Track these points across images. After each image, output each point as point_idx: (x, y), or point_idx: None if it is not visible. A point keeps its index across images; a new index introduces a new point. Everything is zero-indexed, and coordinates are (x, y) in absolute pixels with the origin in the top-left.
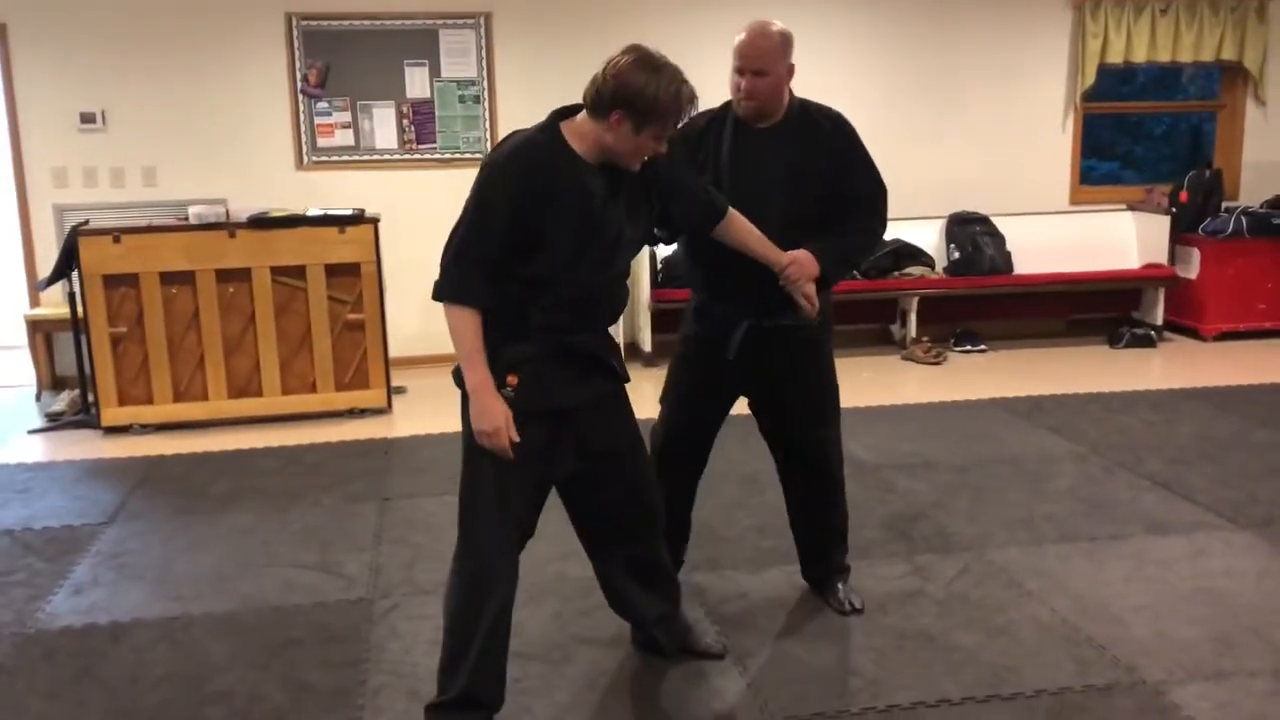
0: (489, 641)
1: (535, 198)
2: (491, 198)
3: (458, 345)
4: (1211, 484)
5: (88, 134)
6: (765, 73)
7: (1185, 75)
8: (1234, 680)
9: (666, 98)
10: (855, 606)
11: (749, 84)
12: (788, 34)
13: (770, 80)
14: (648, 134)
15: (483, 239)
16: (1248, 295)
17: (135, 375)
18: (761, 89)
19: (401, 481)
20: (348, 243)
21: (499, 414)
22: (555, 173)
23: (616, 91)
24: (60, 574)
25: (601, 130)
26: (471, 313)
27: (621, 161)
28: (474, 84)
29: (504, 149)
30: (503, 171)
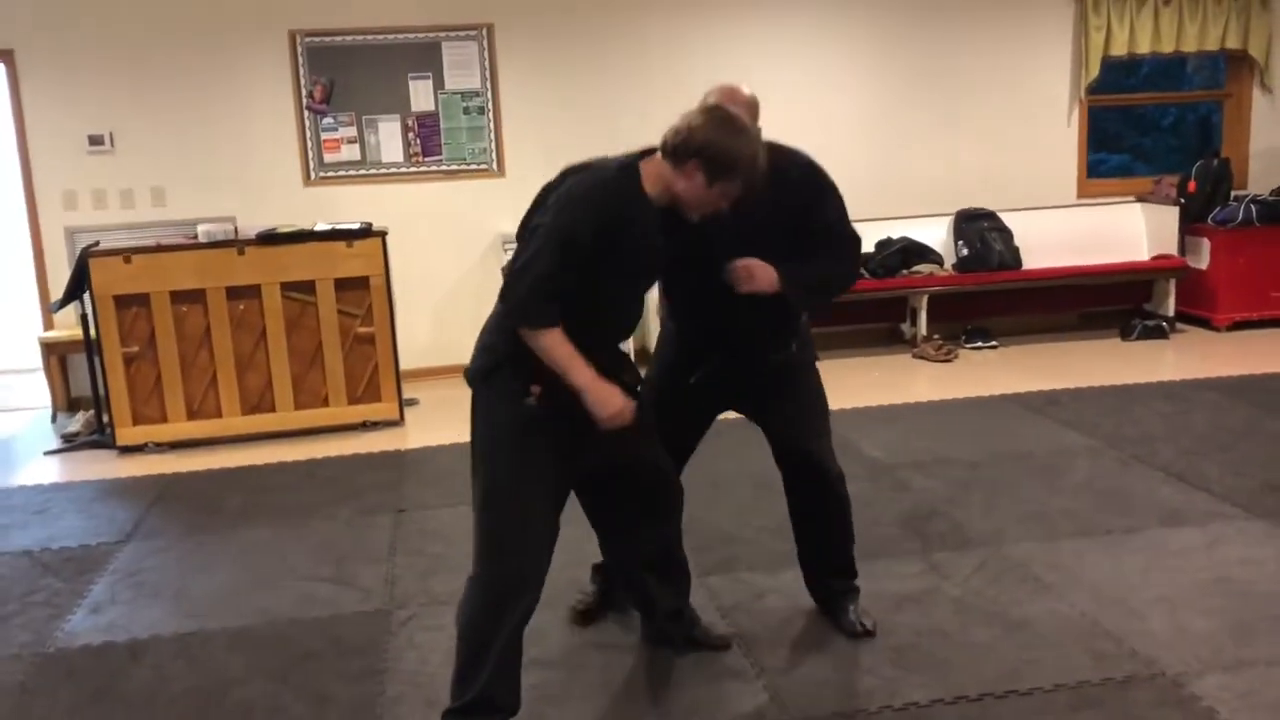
0: (509, 647)
1: (603, 236)
2: (574, 231)
3: (555, 360)
4: (1226, 474)
5: (96, 156)
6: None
7: (1190, 65)
8: (1255, 670)
9: (745, 158)
10: (866, 628)
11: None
12: (755, 102)
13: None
14: (718, 188)
15: (563, 270)
16: (1259, 284)
17: (149, 394)
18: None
19: (416, 493)
20: (356, 256)
21: (617, 394)
22: (627, 214)
23: (699, 142)
24: (78, 593)
25: (675, 177)
26: (557, 330)
27: (685, 210)
28: (478, 95)
29: (584, 182)
30: (584, 206)
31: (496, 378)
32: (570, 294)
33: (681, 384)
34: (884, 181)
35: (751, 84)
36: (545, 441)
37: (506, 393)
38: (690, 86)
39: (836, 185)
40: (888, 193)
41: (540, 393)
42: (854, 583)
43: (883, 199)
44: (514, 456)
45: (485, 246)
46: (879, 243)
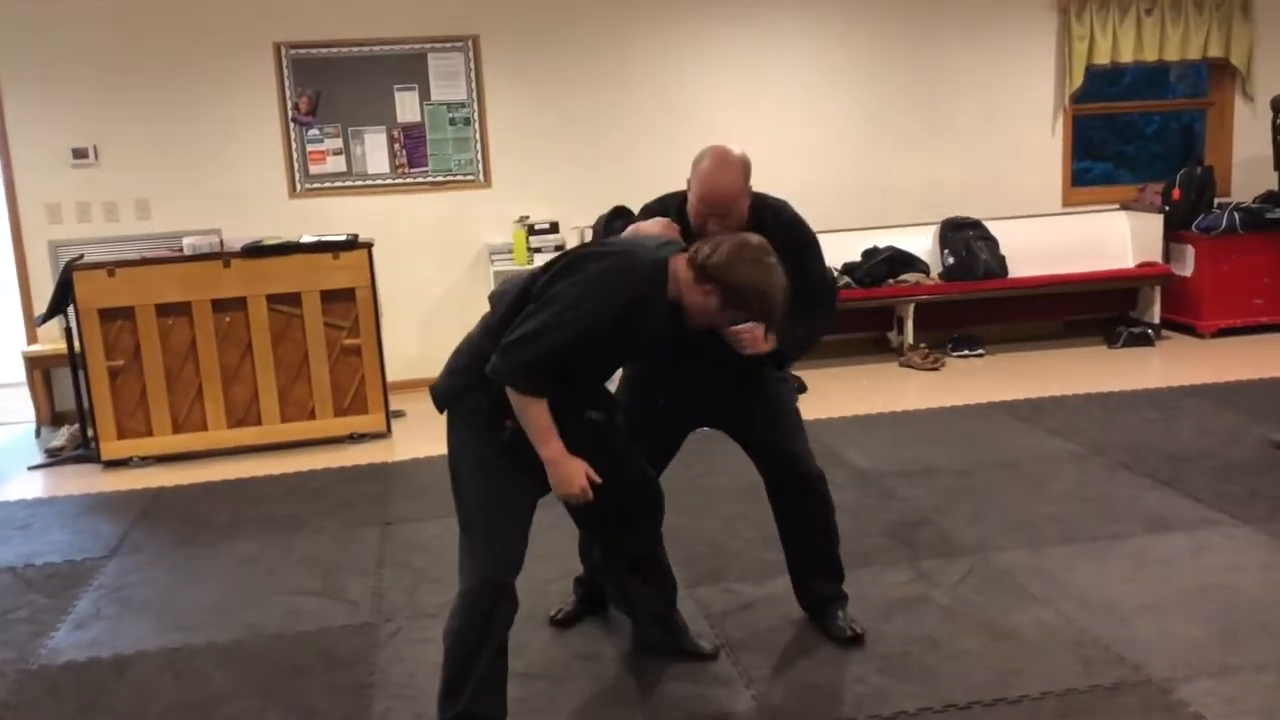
0: (495, 658)
1: (619, 323)
2: (596, 320)
3: (532, 426)
4: (1213, 480)
5: (80, 169)
6: (732, 214)
7: (1173, 74)
8: (1241, 675)
9: (765, 298)
10: (856, 633)
11: (716, 225)
12: (747, 163)
13: (735, 218)
14: (728, 314)
15: (572, 346)
16: (1244, 291)
17: (134, 408)
18: (729, 227)
19: (403, 505)
20: (342, 268)
21: (580, 473)
22: (647, 309)
23: (728, 275)
24: (62, 609)
25: (692, 288)
26: (539, 402)
27: (688, 317)
28: (464, 106)
29: (618, 270)
30: (613, 295)
31: (467, 401)
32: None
33: (650, 405)
34: (870, 191)
35: (734, 95)
36: (521, 465)
37: (481, 420)
38: (676, 98)
39: (816, 235)
40: (874, 202)
41: (514, 425)
42: (841, 588)
43: (869, 208)
44: (493, 481)
45: (472, 257)
46: (865, 252)
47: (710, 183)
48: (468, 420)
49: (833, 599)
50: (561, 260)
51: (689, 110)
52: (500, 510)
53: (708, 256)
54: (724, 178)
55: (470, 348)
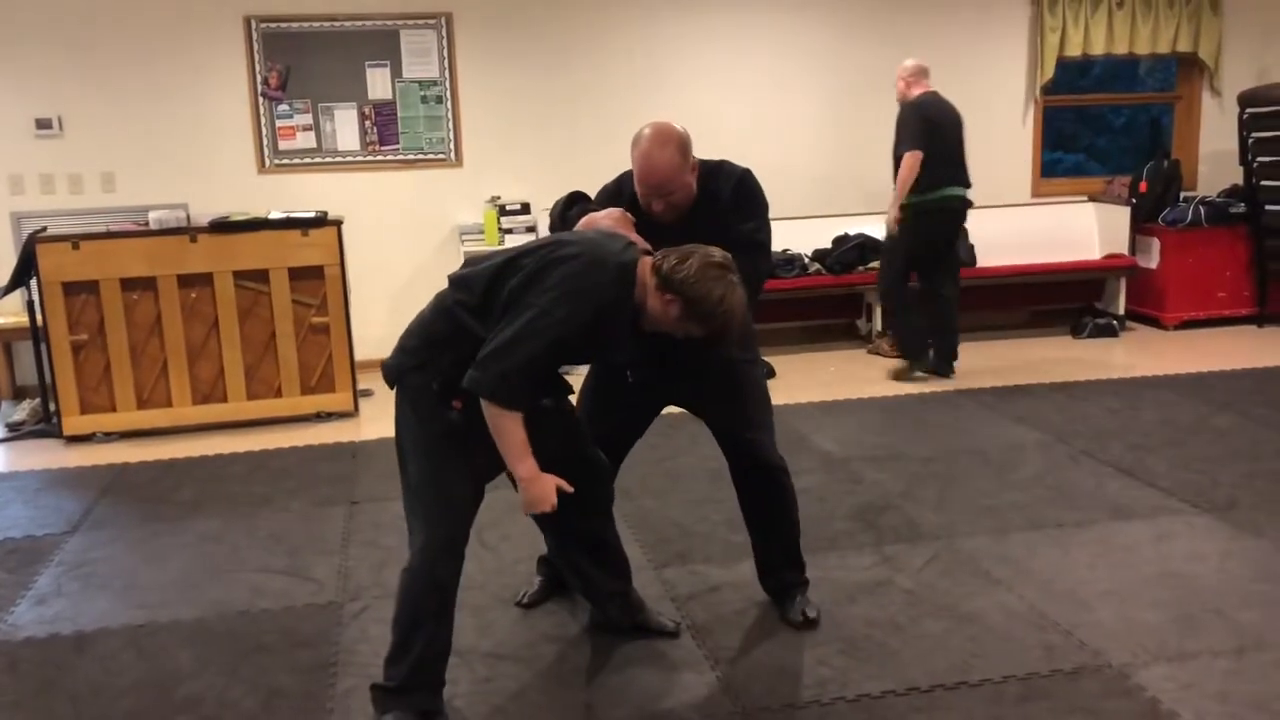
0: (443, 617)
1: (589, 325)
2: (568, 328)
3: (507, 443)
4: (1174, 469)
5: (44, 140)
6: (674, 191)
7: (1143, 67)
8: (1198, 661)
9: (723, 314)
10: (809, 617)
11: (660, 206)
12: (685, 140)
13: (680, 193)
14: (685, 325)
15: (548, 352)
16: (1207, 284)
17: (97, 383)
18: (675, 204)
19: (369, 485)
20: (311, 245)
21: (552, 491)
22: (615, 312)
23: (690, 289)
24: (22, 584)
25: (655, 296)
26: (515, 417)
27: (646, 320)
28: (436, 84)
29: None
30: (583, 302)
31: (415, 379)
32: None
33: (618, 382)
34: (840, 179)
35: (709, 80)
36: (466, 449)
37: (428, 400)
38: (650, 79)
39: (764, 196)
40: (844, 190)
41: (461, 406)
42: (803, 575)
43: (839, 196)
44: (434, 462)
45: (442, 237)
46: (836, 239)
47: (647, 164)
48: (415, 400)
49: (793, 585)
50: (530, 263)
51: (663, 91)
52: (442, 493)
53: (674, 268)
54: (660, 158)
55: (421, 327)
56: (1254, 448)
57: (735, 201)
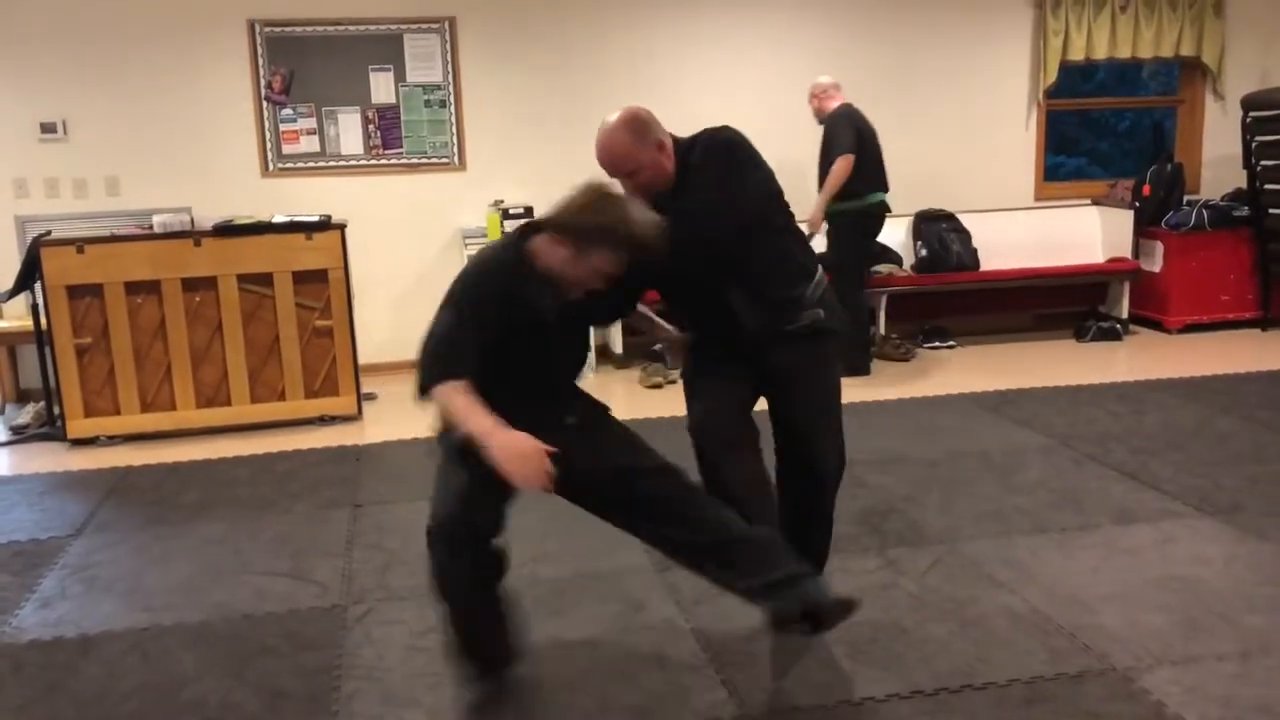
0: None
1: (503, 308)
2: (475, 297)
3: (453, 412)
4: (1177, 473)
5: (49, 144)
6: (635, 171)
7: (1146, 71)
8: (1202, 664)
9: (604, 227)
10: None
11: (629, 188)
12: (640, 120)
13: (646, 173)
14: (590, 260)
15: (459, 331)
16: (1211, 287)
17: (101, 386)
18: (644, 185)
19: (373, 488)
20: (315, 249)
21: (525, 442)
22: (520, 291)
23: (560, 215)
24: (27, 588)
25: (550, 252)
26: (453, 385)
27: (565, 285)
28: (440, 88)
29: (479, 258)
30: (479, 281)
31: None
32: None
33: (712, 359)
34: None
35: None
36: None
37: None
38: (653, 82)
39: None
40: None
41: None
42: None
43: None
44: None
45: (445, 240)
46: None
47: (598, 147)
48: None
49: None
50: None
51: (665, 94)
52: (441, 481)
53: (548, 216)
54: (608, 139)
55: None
56: (1258, 451)
57: (719, 165)
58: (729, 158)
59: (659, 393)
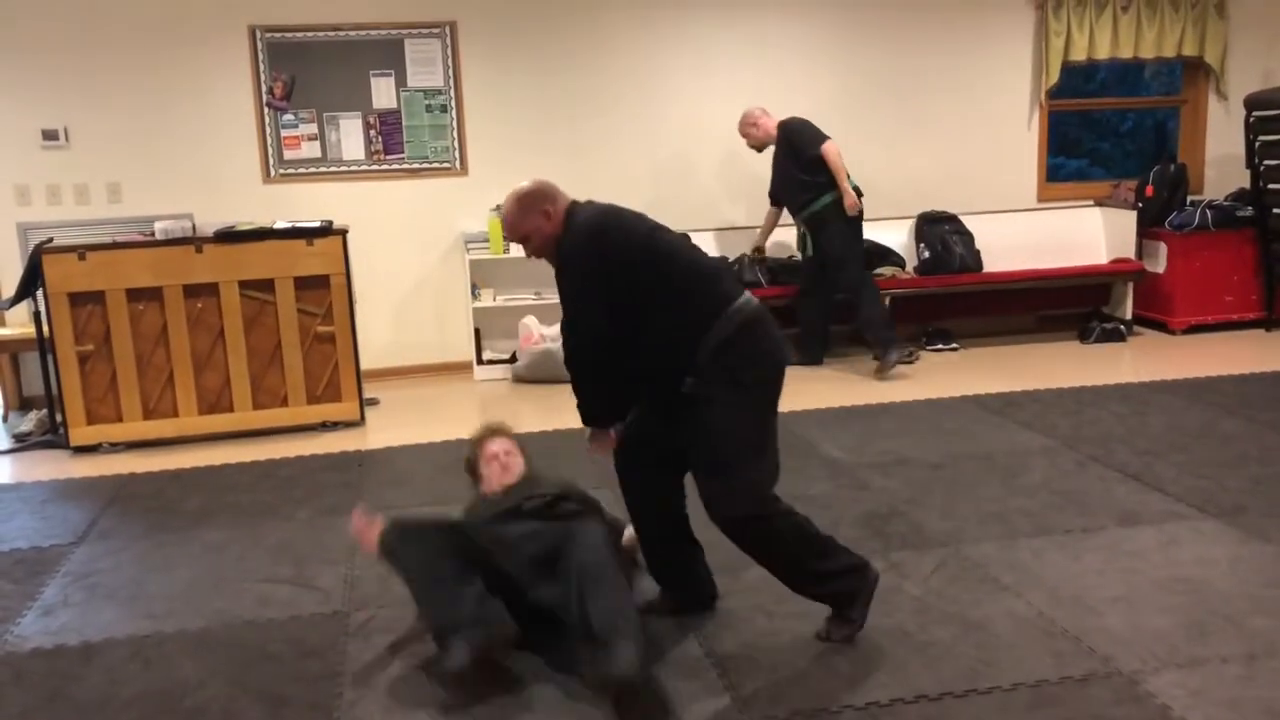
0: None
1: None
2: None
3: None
4: (1182, 474)
5: (51, 151)
6: (527, 238)
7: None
8: (1207, 667)
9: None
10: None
11: (528, 250)
12: (525, 197)
13: (534, 242)
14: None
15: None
16: (1215, 288)
17: (103, 393)
18: (535, 250)
19: (376, 494)
20: (316, 255)
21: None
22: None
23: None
24: (29, 595)
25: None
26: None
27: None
28: (441, 93)
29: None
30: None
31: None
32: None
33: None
34: None
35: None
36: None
37: None
38: (655, 87)
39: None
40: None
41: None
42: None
43: None
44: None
45: (447, 246)
46: None
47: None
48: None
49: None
50: None
51: (667, 100)
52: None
53: None
54: (508, 209)
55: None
56: (1263, 453)
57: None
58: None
59: None
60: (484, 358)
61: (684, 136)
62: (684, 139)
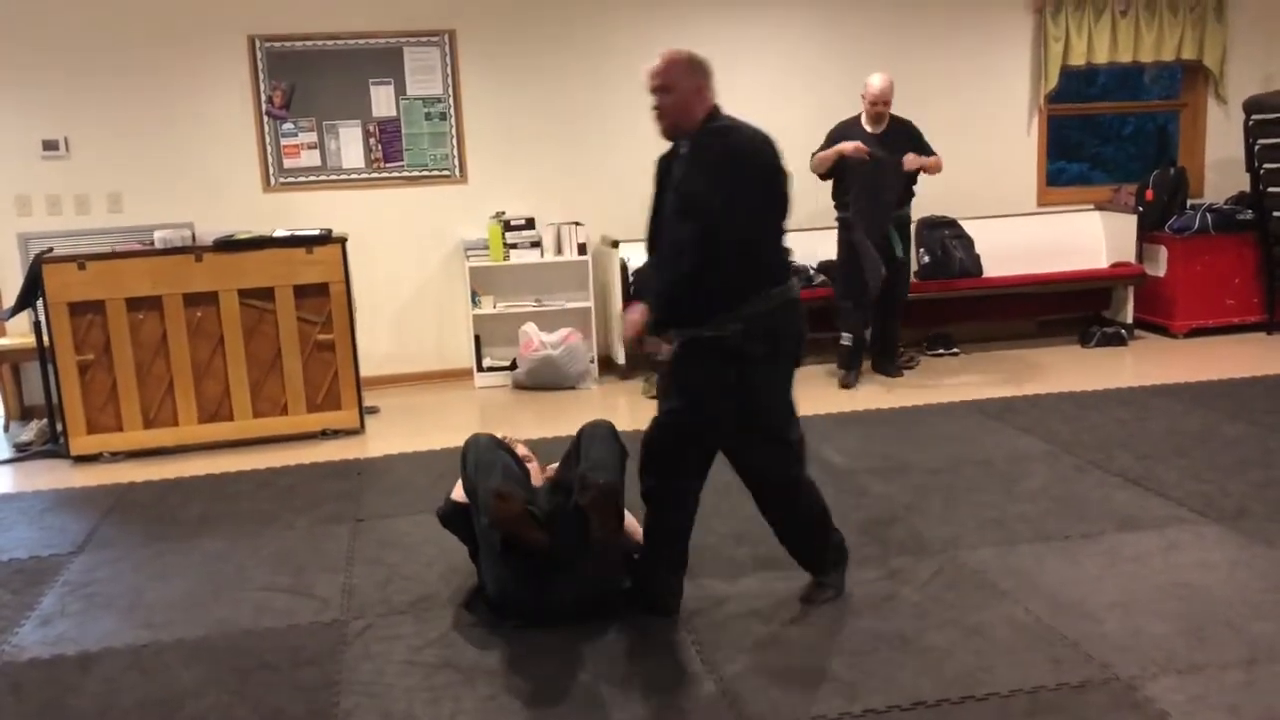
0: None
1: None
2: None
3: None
4: (1182, 479)
5: (51, 161)
6: (668, 90)
7: (1148, 76)
8: (1207, 673)
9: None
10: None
11: (655, 101)
12: (696, 58)
13: (673, 98)
14: None
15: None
16: (1215, 291)
17: (104, 403)
18: (665, 106)
19: (375, 502)
20: (316, 263)
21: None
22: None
23: None
24: (27, 605)
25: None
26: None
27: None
28: (440, 101)
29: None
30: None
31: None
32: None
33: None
34: None
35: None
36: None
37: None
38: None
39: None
40: None
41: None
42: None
43: None
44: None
45: (447, 253)
46: None
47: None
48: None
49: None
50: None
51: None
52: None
53: None
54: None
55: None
56: (1264, 456)
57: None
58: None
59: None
60: (484, 365)
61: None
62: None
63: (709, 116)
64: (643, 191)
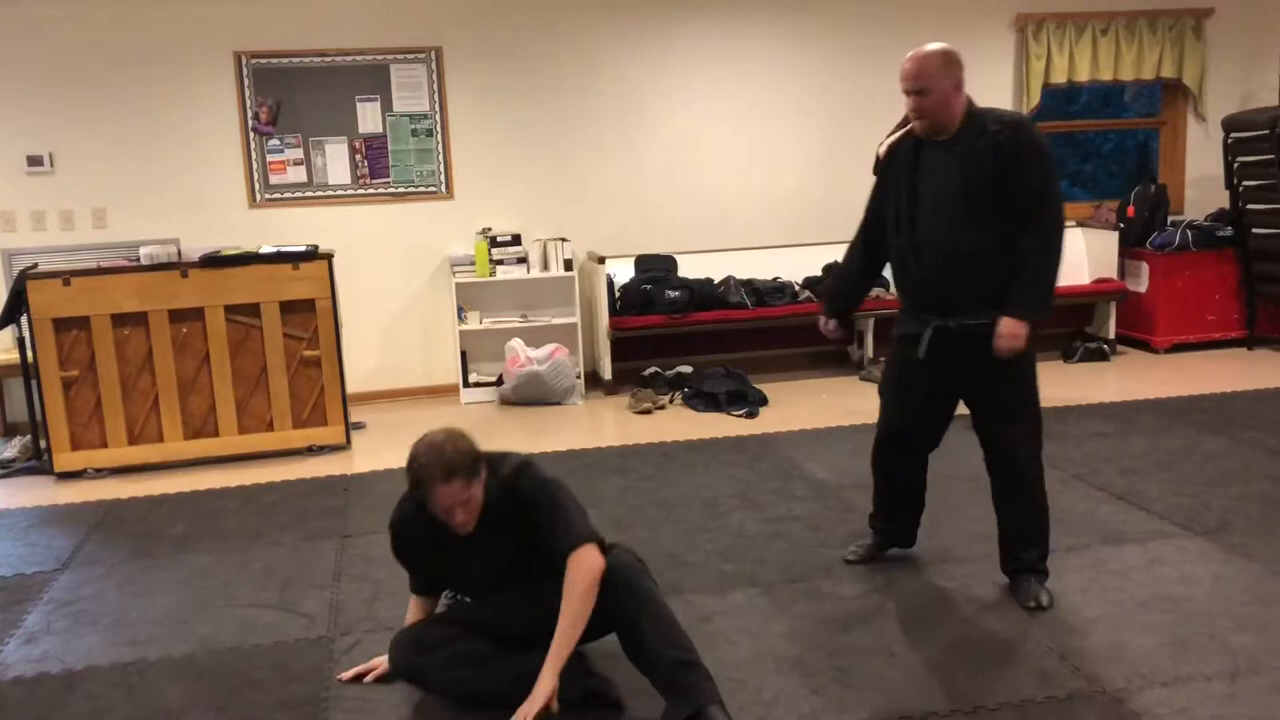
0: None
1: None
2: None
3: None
4: (1165, 493)
5: (35, 177)
6: (926, 91)
7: (1129, 93)
8: (1192, 685)
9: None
10: (1040, 604)
11: (913, 103)
12: (949, 53)
13: (933, 98)
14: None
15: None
16: (1196, 307)
17: (88, 419)
18: (926, 106)
19: (361, 518)
20: (302, 279)
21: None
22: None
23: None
24: (11, 623)
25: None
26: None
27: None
28: (426, 118)
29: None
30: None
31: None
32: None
33: (912, 360)
34: (830, 206)
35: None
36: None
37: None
38: (640, 110)
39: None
40: (834, 217)
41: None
42: (1038, 562)
43: (829, 224)
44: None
45: (433, 269)
46: (826, 266)
47: (908, 60)
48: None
49: (1027, 569)
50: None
51: (652, 123)
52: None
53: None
54: (922, 54)
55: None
56: (1245, 470)
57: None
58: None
59: (648, 418)
60: (470, 380)
61: (669, 159)
62: (670, 162)
63: (970, 108)
64: (631, 205)
